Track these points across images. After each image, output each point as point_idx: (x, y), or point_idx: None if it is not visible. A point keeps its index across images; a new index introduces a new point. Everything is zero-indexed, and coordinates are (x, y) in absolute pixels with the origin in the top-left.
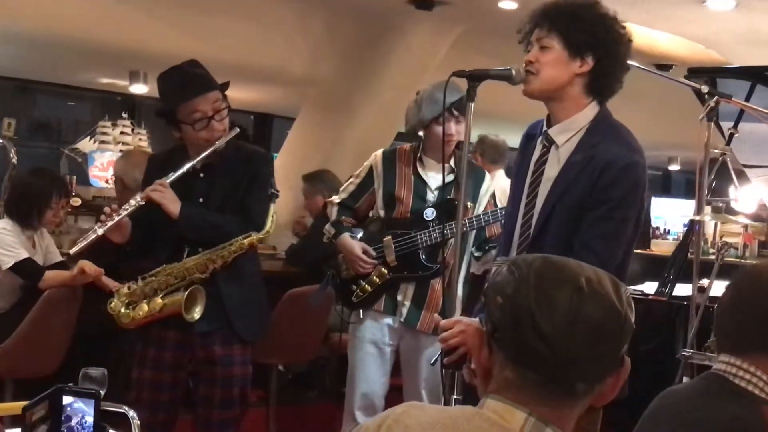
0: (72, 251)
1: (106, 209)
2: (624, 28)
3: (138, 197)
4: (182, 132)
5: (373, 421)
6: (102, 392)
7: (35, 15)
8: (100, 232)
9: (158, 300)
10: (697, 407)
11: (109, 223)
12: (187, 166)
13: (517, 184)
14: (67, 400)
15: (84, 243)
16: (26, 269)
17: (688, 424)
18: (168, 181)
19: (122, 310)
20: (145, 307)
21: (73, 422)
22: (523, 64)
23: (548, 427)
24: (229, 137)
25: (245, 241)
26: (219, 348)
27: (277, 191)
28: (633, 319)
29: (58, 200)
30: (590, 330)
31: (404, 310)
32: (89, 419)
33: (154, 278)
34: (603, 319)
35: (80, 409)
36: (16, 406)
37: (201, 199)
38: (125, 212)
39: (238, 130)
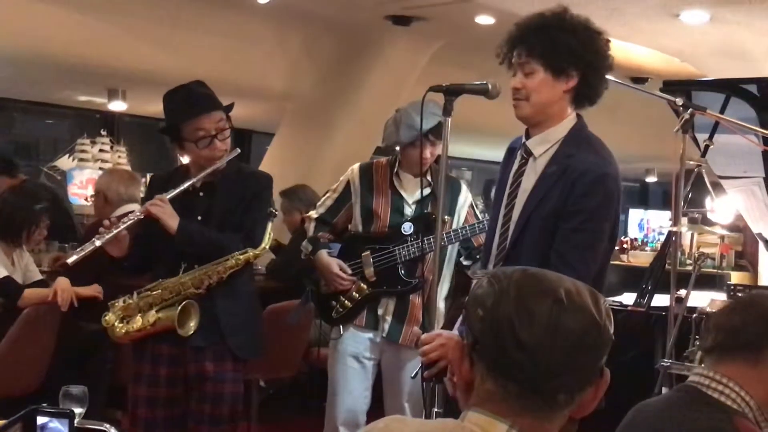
0: (69, 261)
1: (106, 222)
2: (596, 31)
3: (137, 211)
4: (185, 150)
5: None
6: (83, 410)
7: (12, 33)
8: (98, 243)
9: (152, 313)
10: (671, 419)
11: (108, 236)
12: (188, 183)
13: (497, 195)
14: (41, 420)
15: (82, 253)
16: (5, 288)
17: None
18: (168, 197)
19: (116, 323)
20: (139, 320)
21: None
22: (512, 90)
23: None
24: (230, 157)
25: (242, 257)
26: (211, 364)
27: (276, 210)
28: (612, 330)
29: (47, 219)
30: (570, 341)
31: (386, 325)
32: None
33: (149, 293)
34: (583, 331)
35: (56, 429)
36: None
37: (200, 217)
38: (124, 225)
39: (239, 151)
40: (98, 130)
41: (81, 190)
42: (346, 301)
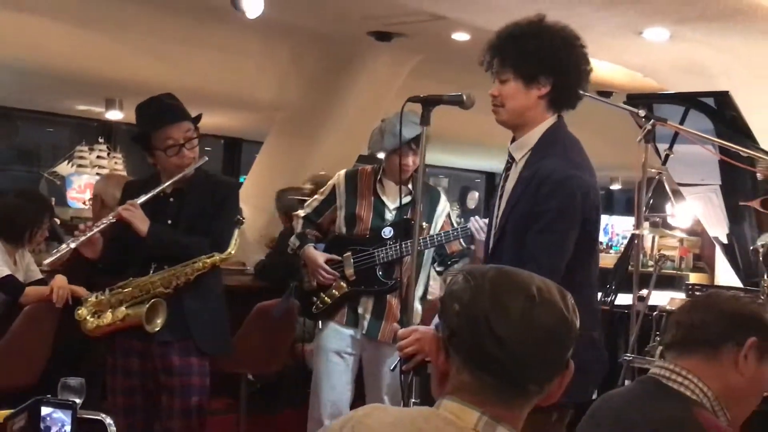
0: (45, 262)
1: (81, 226)
2: (571, 39)
3: (110, 216)
4: (155, 157)
5: (337, 422)
6: (80, 401)
7: (15, 45)
8: (72, 245)
9: (122, 309)
10: (634, 409)
11: (81, 238)
12: (158, 188)
13: (494, 200)
14: (45, 410)
15: (57, 255)
16: (7, 285)
17: (626, 425)
18: (139, 202)
19: (88, 317)
20: (109, 315)
21: (53, 431)
22: (490, 97)
23: (500, 425)
24: (198, 164)
25: (209, 260)
26: (177, 358)
27: (243, 218)
28: (578, 325)
29: (48, 221)
30: (541, 335)
31: (365, 323)
32: (68, 428)
33: (120, 290)
34: (553, 325)
35: (59, 419)
36: None
37: (170, 221)
38: (97, 228)
39: (206, 159)
40: (96, 137)
41: (79, 195)
42: (326, 298)
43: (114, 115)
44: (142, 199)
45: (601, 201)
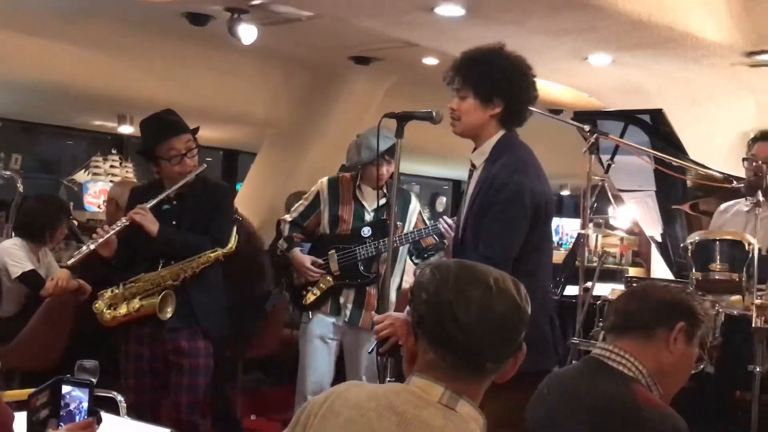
0: (69, 263)
1: (99, 230)
2: (523, 69)
3: (123, 219)
4: (160, 166)
5: (320, 397)
6: (94, 380)
7: (38, 68)
8: (92, 247)
9: (136, 301)
10: (579, 385)
11: (100, 240)
12: (164, 194)
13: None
14: (66, 389)
15: (79, 256)
16: (30, 279)
17: (571, 398)
18: (148, 206)
19: (105, 309)
20: (124, 307)
21: (72, 407)
22: (449, 110)
23: (461, 398)
24: (198, 171)
25: (212, 255)
26: (185, 342)
27: (240, 217)
28: (530, 312)
29: (65, 222)
30: (498, 320)
31: (347, 312)
32: (85, 404)
33: (133, 284)
34: (508, 312)
35: (77, 396)
36: (23, 393)
37: (174, 222)
38: (113, 231)
39: (205, 166)
40: (109, 149)
41: (95, 200)
42: (314, 291)
43: (125, 129)
44: (151, 203)
45: (549, 199)
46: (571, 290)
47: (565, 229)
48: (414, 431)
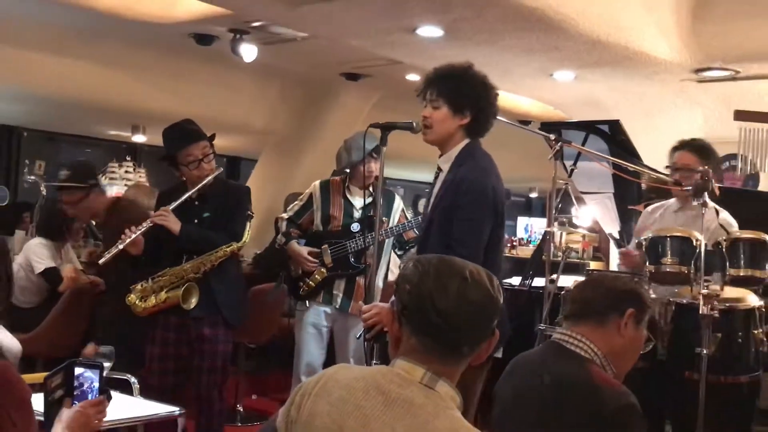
0: (101, 262)
1: (127, 231)
2: (490, 86)
3: (148, 221)
4: (181, 171)
5: (313, 378)
6: (110, 364)
7: (60, 83)
8: (120, 246)
9: (162, 294)
10: (541, 366)
11: (127, 240)
12: (186, 195)
13: (427, 201)
14: (78, 370)
15: (109, 255)
16: (50, 275)
17: (534, 378)
18: (170, 208)
19: (137, 302)
20: (153, 299)
21: (85, 387)
22: (421, 119)
23: (440, 379)
24: (215, 174)
25: (228, 249)
26: (207, 329)
27: (252, 213)
28: (502, 301)
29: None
30: (473, 308)
31: (338, 300)
32: (96, 384)
33: (160, 278)
34: (482, 301)
35: (89, 377)
36: (39, 376)
37: (196, 220)
38: (139, 231)
39: (222, 170)
40: (124, 156)
41: None
42: (310, 282)
43: (138, 138)
44: (173, 205)
45: (504, 203)
46: (539, 282)
47: (534, 227)
48: (398, 408)
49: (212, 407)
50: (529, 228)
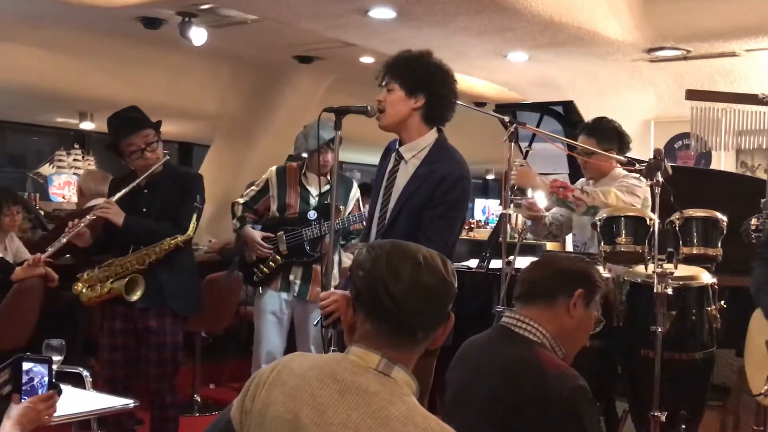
0: (43, 257)
1: (70, 223)
2: (447, 71)
3: (91, 213)
4: (126, 160)
5: (267, 368)
6: (61, 357)
7: (5, 69)
8: (63, 240)
9: (107, 284)
10: (490, 351)
11: (71, 234)
12: (132, 185)
13: (375, 186)
14: (27, 365)
15: (53, 249)
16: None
17: (484, 363)
18: (114, 198)
19: (83, 290)
20: (98, 289)
21: (35, 382)
22: (376, 103)
23: (396, 365)
24: (160, 163)
25: (172, 242)
26: (153, 320)
27: (201, 205)
28: (457, 285)
29: (8, 208)
30: (426, 292)
31: (296, 287)
32: (46, 379)
33: (107, 267)
34: (435, 285)
35: (39, 372)
36: None
37: (144, 209)
38: (83, 224)
39: (168, 157)
40: (72, 144)
41: (59, 191)
42: (264, 268)
43: (86, 125)
44: (117, 196)
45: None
46: (496, 263)
47: (491, 209)
48: (352, 396)
49: (164, 399)
50: (487, 210)
